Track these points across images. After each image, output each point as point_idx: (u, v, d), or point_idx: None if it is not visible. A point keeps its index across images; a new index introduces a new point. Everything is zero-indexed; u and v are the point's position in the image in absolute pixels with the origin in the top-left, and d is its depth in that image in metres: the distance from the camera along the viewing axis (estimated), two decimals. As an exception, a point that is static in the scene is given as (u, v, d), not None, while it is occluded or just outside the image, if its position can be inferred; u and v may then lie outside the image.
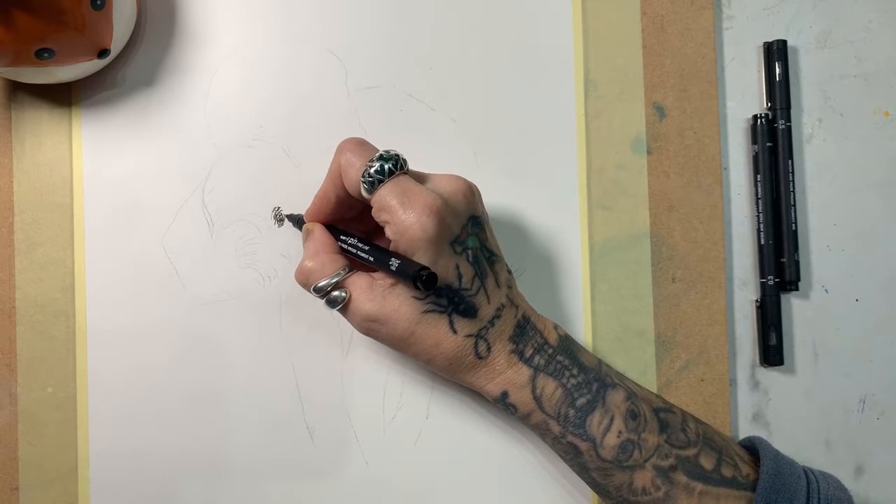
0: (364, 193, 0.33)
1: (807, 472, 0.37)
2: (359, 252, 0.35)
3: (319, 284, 0.34)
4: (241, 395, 0.41)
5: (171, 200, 0.41)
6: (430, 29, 0.43)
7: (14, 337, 0.40)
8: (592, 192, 0.43)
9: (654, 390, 0.43)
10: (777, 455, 0.37)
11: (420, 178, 0.35)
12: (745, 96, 0.45)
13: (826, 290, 0.45)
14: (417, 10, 0.43)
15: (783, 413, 0.44)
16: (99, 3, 0.35)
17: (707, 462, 0.36)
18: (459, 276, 0.34)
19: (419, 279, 0.31)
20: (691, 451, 0.36)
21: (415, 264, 0.32)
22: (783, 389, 0.44)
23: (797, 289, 0.44)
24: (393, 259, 0.33)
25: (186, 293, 0.41)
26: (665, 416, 0.37)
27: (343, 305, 0.34)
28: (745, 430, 0.44)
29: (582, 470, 0.36)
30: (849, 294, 0.45)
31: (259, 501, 0.41)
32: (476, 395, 0.41)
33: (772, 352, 0.43)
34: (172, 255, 0.41)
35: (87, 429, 0.40)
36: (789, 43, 0.45)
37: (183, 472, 0.40)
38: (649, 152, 0.44)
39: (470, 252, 0.34)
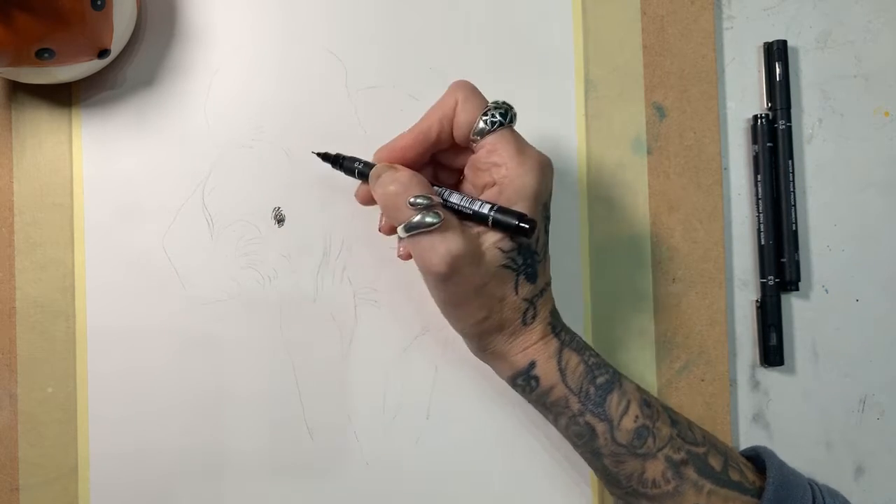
0: (474, 134, 0.34)
1: (812, 484, 0.37)
2: (448, 200, 0.34)
3: (414, 199, 0.32)
4: (240, 395, 0.41)
5: (171, 200, 0.41)
6: (430, 29, 0.43)
7: (14, 337, 0.40)
8: (593, 192, 0.43)
9: (655, 390, 0.43)
10: (783, 466, 0.37)
11: None
12: (745, 96, 0.45)
13: (826, 291, 0.45)
14: (417, 11, 0.43)
15: (783, 413, 0.44)
16: (99, 3, 0.35)
17: (715, 463, 0.36)
18: (537, 240, 0.34)
19: (522, 229, 0.32)
20: (701, 450, 0.36)
21: (514, 211, 0.32)
22: (783, 390, 0.44)
23: (797, 289, 0.44)
24: (489, 205, 0.33)
25: (186, 293, 0.41)
26: (673, 414, 0.37)
27: (431, 233, 0.32)
28: (745, 431, 0.44)
29: (594, 456, 0.36)
30: (849, 294, 0.45)
31: (259, 501, 0.41)
32: (476, 395, 0.41)
33: (772, 352, 0.43)
34: (172, 256, 0.41)
35: (87, 429, 0.40)
36: (789, 43, 0.45)
37: (183, 472, 0.40)
38: (649, 152, 0.44)
39: (547, 222, 0.35)
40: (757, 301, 0.44)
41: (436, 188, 0.34)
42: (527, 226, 0.32)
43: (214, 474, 0.40)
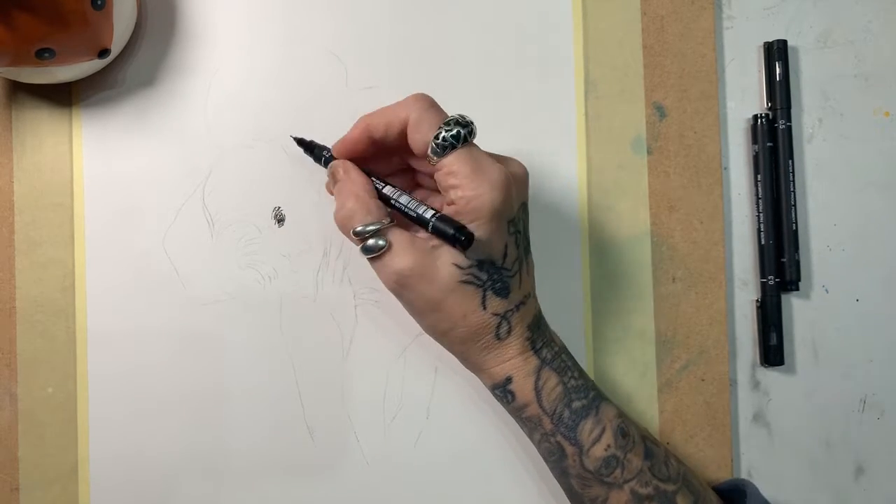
0: (430, 154, 0.33)
1: None
2: (397, 201, 0.35)
3: (358, 228, 0.33)
4: (241, 395, 0.41)
5: (171, 200, 0.41)
6: (431, 29, 0.43)
7: (14, 337, 0.40)
8: (593, 192, 0.43)
9: (655, 390, 0.43)
10: None
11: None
12: (745, 96, 0.45)
13: (826, 290, 0.45)
14: (418, 11, 0.43)
15: (783, 413, 0.44)
16: (99, 2, 0.35)
17: (683, 503, 0.36)
18: (505, 255, 0.34)
19: (458, 240, 0.31)
20: (670, 487, 0.36)
21: (454, 221, 0.32)
22: (783, 389, 0.44)
23: (797, 289, 0.44)
24: (432, 212, 0.33)
25: (187, 293, 0.41)
26: (650, 446, 0.37)
27: (379, 256, 0.33)
28: (745, 431, 0.44)
29: (562, 474, 0.36)
30: (849, 294, 0.45)
31: (259, 501, 0.41)
32: (476, 395, 0.41)
33: (772, 352, 0.43)
34: (173, 256, 0.41)
35: (87, 429, 0.40)
36: (789, 43, 0.45)
37: (183, 473, 0.40)
38: (649, 152, 0.44)
39: (518, 235, 0.35)
40: (757, 301, 0.44)
41: (388, 189, 0.35)
42: (462, 237, 0.31)
43: (214, 474, 0.40)
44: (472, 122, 0.33)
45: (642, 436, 0.37)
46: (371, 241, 0.33)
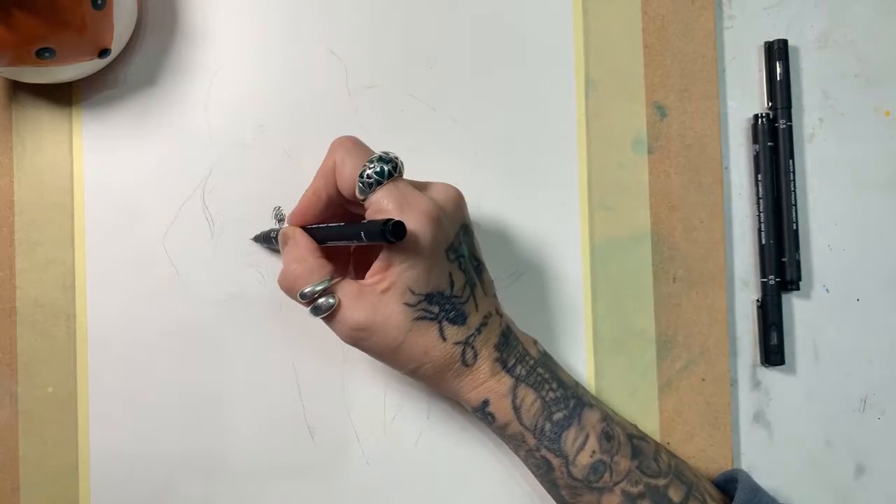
0: (358, 194, 0.33)
1: None
2: (331, 238, 0.34)
3: (305, 290, 0.33)
4: (241, 395, 0.41)
5: (171, 200, 0.41)
6: (431, 28, 0.43)
7: (14, 337, 0.40)
8: (593, 191, 0.43)
9: (655, 390, 0.43)
10: (756, 490, 0.37)
11: (413, 185, 0.34)
12: (745, 96, 0.45)
13: (827, 290, 0.45)
14: (418, 10, 0.43)
15: (784, 413, 0.44)
16: (100, 2, 0.35)
17: (675, 495, 0.36)
18: (452, 284, 0.34)
19: (388, 232, 0.29)
20: (661, 482, 0.36)
21: (378, 221, 0.30)
22: (784, 389, 0.44)
23: (798, 288, 0.44)
24: (361, 224, 0.31)
25: (187, 293, 0.41)
26: (638, 444, 0.37)
27: (330, 314, 0.33)
28: (745, 430, 0.44)
29: (551, 486, 0.37)
30: (850, 294, 0.45)
31: (259, 501, 0.41)
32: (476, 394, 0.41)
33: (773, 351, 0.43)
34: (173, 255, 0.41)
35: (88, 428, 0.40)
36: (790, 42, 0.45)
37: (183, 472, 0.40)
38: (650, 152, 0.43)
39: (462, 260, 0.34)
40: (757, 300, 0.44)
41: (322, 229, 0.35)
42: (391, 230, 0.29)
43: (214, 474, 0.40)
44: (396, 158, 0.33)
45: (629, 435, 0.37)
46: (321, 301, 0.33)
